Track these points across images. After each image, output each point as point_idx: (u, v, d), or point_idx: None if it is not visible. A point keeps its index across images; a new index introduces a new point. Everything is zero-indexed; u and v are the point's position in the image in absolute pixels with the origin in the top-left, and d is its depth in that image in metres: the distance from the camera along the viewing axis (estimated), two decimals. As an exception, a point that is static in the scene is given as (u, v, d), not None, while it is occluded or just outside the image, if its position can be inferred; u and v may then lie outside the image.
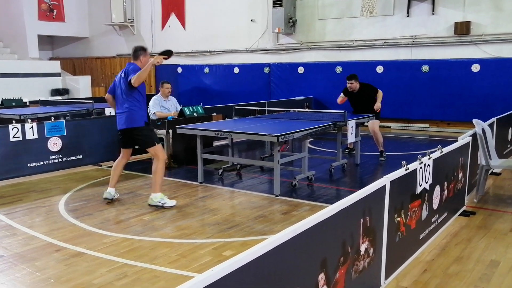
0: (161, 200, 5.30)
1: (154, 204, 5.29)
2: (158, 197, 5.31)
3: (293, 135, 5.70)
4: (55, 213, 5.17)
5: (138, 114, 5.32)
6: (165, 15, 16.33)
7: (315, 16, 13.29)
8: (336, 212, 2.39)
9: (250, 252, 1.79)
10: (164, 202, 5.30)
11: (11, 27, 16.99)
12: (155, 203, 5.29)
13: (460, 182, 4.74)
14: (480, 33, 11.01)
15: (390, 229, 3.10)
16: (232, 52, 14.98)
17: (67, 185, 6.42)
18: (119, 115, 5.38)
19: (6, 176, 6.32)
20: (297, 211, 5.13)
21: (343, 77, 12.81)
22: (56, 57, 19.07)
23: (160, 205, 5.28)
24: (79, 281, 3.47)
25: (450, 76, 11.34)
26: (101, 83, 18.32)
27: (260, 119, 7.40)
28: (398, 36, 12.06)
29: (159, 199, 5.30)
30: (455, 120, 11.44)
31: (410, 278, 3.47)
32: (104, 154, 7.56)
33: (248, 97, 13.54)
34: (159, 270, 3.66)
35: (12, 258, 3.94)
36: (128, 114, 5.28)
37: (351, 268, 2.60)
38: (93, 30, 18.45)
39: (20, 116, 8.13)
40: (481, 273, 3.57)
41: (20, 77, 15.12)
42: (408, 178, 3.33)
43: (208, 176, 6.80)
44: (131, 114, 5.28)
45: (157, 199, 5.30)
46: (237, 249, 4.06)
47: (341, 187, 6.27)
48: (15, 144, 6.31)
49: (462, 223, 4.70)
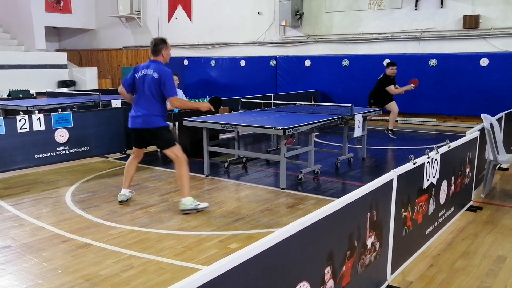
0: (193, 203, 4.95)
1: (187, 209, 4.91)
2: (190, 201, 4.95)
3: (300, 128, 5.69)
4: (62, 204, 5.20)
5: (162, 115, 5.04)
6: (172, 7, 16.29)
7: (322, 9, 13.21)
8: (343, 206, 2.38)
9: (257, 245, 1.79)
10: (196, 204, 4.96)
11: (18, 18, 17.02)
12: (188, 207, 4.92)
13: (468, 177, 4.71)
14: (489, 27, 10.90)
15: (397, 223, 3.10)
16: (239, 44, 14.94)
17: (74, 177, 6.46)
18: (139, 113, 4.95)
19: (14, 167, 6.36)
20: (303, 205, 5.13)
21: (350, 71, 12.87)
22: (62, 49, 19.11)
23: (194, 207, 4.92)
24: (85, 272, 3.50)
25: (458, 70, 11.25)
26: (108, 75, 18.35)
27: (267, 112, 7.38)
28: (406, 29, 11.97)
29: (191, 202, 4.95)
30: (462, 114, 11.36)
31: (416, 273, 3.47)
32: (111, 146, 7.59)
33: (254, 90, 13.51)
34: (165, 262, 3.68)
35: (20, 248, 3.97)
36: (152, 114, 4.93)
37: (357, 262, 2.60)
38: (100, 22, 18.44)
39: (27, 107, 8.16)
40: (487, 268, 3.56)
41: (27, 69, 15.16)
42: (415, 173, 3.31)
43: (214, 169, 6.81)
44: (155, 114, 4.94)
45: (189, 203, 4.93)
46: (243, 242, 4.07)
47: (347, 181, 6.25)
48: (23, 135, 6.35)
49: (469, 218, 4.68)
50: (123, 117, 7.73)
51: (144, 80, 4.91)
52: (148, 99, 4.92)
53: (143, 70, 4.96)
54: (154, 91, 4.89)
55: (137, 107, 5.01)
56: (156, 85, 4.86)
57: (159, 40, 5.02)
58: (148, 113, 4.92)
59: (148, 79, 4.89)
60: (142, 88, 4.94)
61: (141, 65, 5.07)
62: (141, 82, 4.93)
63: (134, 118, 5.02)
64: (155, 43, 4.99)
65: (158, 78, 4.84)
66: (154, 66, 4.91)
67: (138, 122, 4.98)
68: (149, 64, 4.97)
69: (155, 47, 4.97)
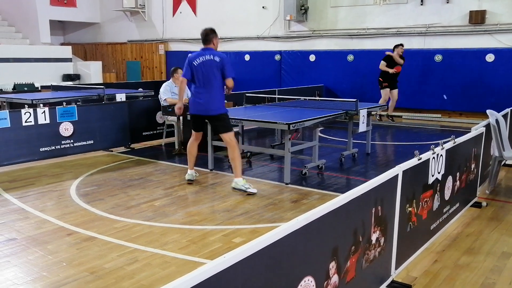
0: (245, 185, 5.34)
1: (238, 188, 5.36)
2: (242, 182, 5.36)
3: (304, 123, 5.68)
4: (67, 198, 5.22)
5: (222, 101, 5.45)
6: (177, 1, 16.25)
7: (327, 4, 13.14)
8: (348, 201, 2.38)
9: (262, 239, 1.79)
10: (247, 187, 5.33)
11: (23, 12, 17.04)
12: (239, 187, 5.35)
13: (473, 173, 4.69)
14: (496, 22, 10.82)
15: (402, 219, 3.09)
16: (243, 39, 14.90)
17: (79, 170, 6.48)
18: (202, 101, 5.34)
19: (19, 160, 6.38)
20: (307, 200, 5.13)
21: (355, 66, 12.83)
22: (67, 43, 19.13)
23: (244, 189, 5.32)
24: (90, 265, 3.51)
25: (464, 65, 11.18)
26: (112, 69, 18.36)
27: (271, 107, 7.37)
28: (411, 24, 11.89)
29: (243, 184, 5.35)
30: (467, 110, 11.31)
31: (421, 269, 3.46)
32: (115, 139, 7.61)
33: (258, 84, 13.50)
34: (170, 255, 3.69)
35: (25, 241, 3.99)
36: (214, 101, 5.34)
37: (362, 257, 2.60)
38: (104, 16, 18.43)
39: (32, 101, 8.18)
40: (492, 264, 3.55)
41: (32, 62, 15.19)
42: (420, 168, 3.30)
43: (218, 163, 6.81)
44: (217, 101, 5.36)
45: (241, 183, 5.35)
46: (247, 236, 4.07)
47: (351, 176, 6.24)
48: (27, 128, 6.37)
49: (474, 215, 4.67)
50: (127, 111, 7.75)
51: (204, 65, 5.27)
52: (210, 85, 5.30)
53: (200, 57, 5.31)
54: (217, 74, 5.27)
55: (199, 94, 5.36)
56: (218, 68, 5.25)
57: (210, 30, 5.45)
58: (211, 100, 5.32)
59: (208, 64, 5.26)
60: (202, 74, 5.29)
61: (194, 54, 5.40)
62: (201, 68, 5.28)
63: (197, 104, 5.41)
64: (205, 33, 5.41)
65: (220, 62, 5.25)
66: (212, 52, 5.32)
67: (202, 109, 5.40)
68: (204, 51, 5.35)
69: (206, 36, 5.39)
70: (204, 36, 5.40)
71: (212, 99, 5.32)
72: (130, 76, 17.72)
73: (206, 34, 5.39)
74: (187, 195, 5.31)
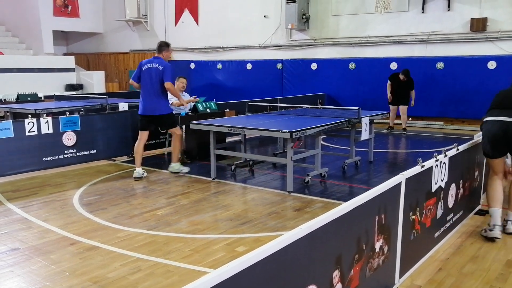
0: (180, 168, 6.66)
1: (174, 171, 6.64)
2: (177, 166, 6.56)
3: (307, 131, 5.68)
4: (70, 207, 5.22)
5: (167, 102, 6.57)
6: (179, 11, 16.36)
7: (329, 12, 13.21)
8: (351, 209, 2.37)
9: (265, 248, 1.79)
10: (181, 169, 6.65)
11: (27, 22, 17.17)
12: (175, 170, 6.63)
13: (476, 180, 4.69)
14: (497, 30, 10.85)
15: (405, 227, 3.08)
16: (245, 48, 14.97)
17: (82, 180, 6.48)
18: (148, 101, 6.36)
19: (22, 169, 6.40)
20: (310, 208, 5.12)
21: (357, 74, 12.86)
22: (70, 53, 19.25)
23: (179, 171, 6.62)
24: (93, 275, 3.51)
25: (466, 73, 11.20)
26: (115, 79, 18.45)
27: (273, 115, 7.38)
28: (413, 32, 11.93)
29: (178, 167, 6.61)
30: (470, 118, 11.29)
31: (425, 277, 3.44)
32: (118, 149, 7.62)
33: (261, 93, 13.53)
34: (173, 265, 3.68)
35: (28, 250, 3.99)
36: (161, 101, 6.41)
37: (365, 265, 2.59)
38: (107, 26, 18.56)
39: (36, 110, 8.21)
40: (497, 272, 3.53)
41: (35, 72, 15.27)
42: (423, 176, 3.29)
43: (221, 172, 6.81)
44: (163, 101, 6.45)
45: (177, 167, 6.58)
46: (250, 245, 4.06)
47: (354, 184, 6.23)
48: (31, 138, 6.39)
49: (478, 222, 4.65)
50: (130, 120, 7.77)
51: (149, 72, 6.30)
52: (153, 89, 6.30)
53: (148, 64, 6.34)
54: (159, 80, 6.25)
55: (145, 97, 6.38)
56: (159, 75, 6.25)
57: (163, 43, 6.56)
58: (156, 102, 6.34)
59: (153, 71, 6.29)
60: (149, 78, 6.29)
61: (145, 61, 6.45)
62: (147, 73, 6.30)
63: (144, 106, 6.40)
64: (160, 44, 6.51)
65: (162, 69, 6.25)
66: (159, 61, 6.35)
67: (148, 110, 6.39)
68: (153, 59, 6.41)
69: (160, 47, 6.47)
70: (158, 47, 6.47)
71: (156, 101, 6.34)
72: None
73: (160, 46, 6.47)
74: (190, 204, 5.30)
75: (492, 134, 4.11)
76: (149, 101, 6.35)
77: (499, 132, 4.06)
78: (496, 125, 4.08)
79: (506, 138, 4.05)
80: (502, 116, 4.08)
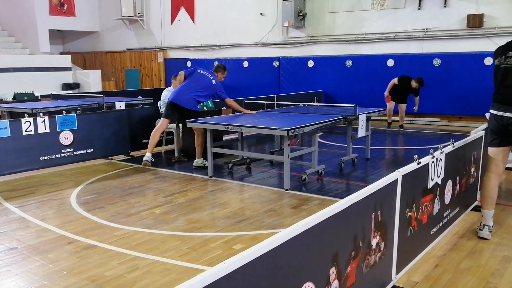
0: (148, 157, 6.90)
1: (148, 159, 6.89)
2: (149, 156, 6.90)
3: (303, 129, 5.68)
4: (67, 206, 5.22)
5: (196, 104, 7.08)
6: (175, 9, 16.33)
7: (325, 9, 13.21)
8: (348, 206, 2.38)
9: (262, 246, 1.79)
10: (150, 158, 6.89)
11: (23, 21, 17.12)
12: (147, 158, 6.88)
13: (473, 176, 4.70)
14: (494, 26, 10.87)
15: (402, 223, 3.09)
16: (242, 46, 14.96)
17: (79, 179, 6.48)
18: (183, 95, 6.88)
19: (19, 169, 6.39)
20: (307, 205, 5.13)
21: (353, 71, 12.87)
22: (67, 52, 19.20)
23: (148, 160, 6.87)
24: (91, 273, 3.51)
25: (462, 69, 11.22)
26: (111, 77, 18.42)
27: (270, 113, 7.38)
28: (409, 29, 11.95)
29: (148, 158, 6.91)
30: (467, 114, 11.33)
31: (422, 273, 3.46)
32: (115, 147, 7.61)
33: (257, 91, 13.53)
34: (170, 263, 3.68)
35: (26, 250, 3.98)
36: (192, 101, 6.93)
37: (362, 262, 2.59)
38: (103, 25, 18.52)
39: (32, 110, 8.19)
40: (493, 268, 3.54)
41: (32, 72, 15.23)
42: (420, 173, 3.30)
43: (218, 170, 6.82)
44: (194, 103, 6.98)
45: (149, 158, 6.89)
46: (247, 242, 4.07)
47: (351, 181, 6.24)
48: (28, 137, 6.38)
49: (474, 218, 4.66)
50: (127, 119, 7.77)
51: (201, 77, 7.01)
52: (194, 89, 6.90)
53: (204, 71, 7.09)
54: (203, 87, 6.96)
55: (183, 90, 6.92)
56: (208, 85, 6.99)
57: (222, 65, 7.32)
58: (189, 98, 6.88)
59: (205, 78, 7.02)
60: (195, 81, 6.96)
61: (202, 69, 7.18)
62: (198, 77, 7.00)
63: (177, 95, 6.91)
64: (218, 65, 7.29)
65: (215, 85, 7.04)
66: (214, 76, 7.11)
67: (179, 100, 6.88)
68: (211, 72, 7.13)
69: (217, 67, 7.22)
70: (216, 67, 7.26)
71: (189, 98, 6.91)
72: (129, 84, 17.78)
73: (218, 66, 7.25)
74: (187, 202, 5.31)
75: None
76: (183, 94, 6.84)
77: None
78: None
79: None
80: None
